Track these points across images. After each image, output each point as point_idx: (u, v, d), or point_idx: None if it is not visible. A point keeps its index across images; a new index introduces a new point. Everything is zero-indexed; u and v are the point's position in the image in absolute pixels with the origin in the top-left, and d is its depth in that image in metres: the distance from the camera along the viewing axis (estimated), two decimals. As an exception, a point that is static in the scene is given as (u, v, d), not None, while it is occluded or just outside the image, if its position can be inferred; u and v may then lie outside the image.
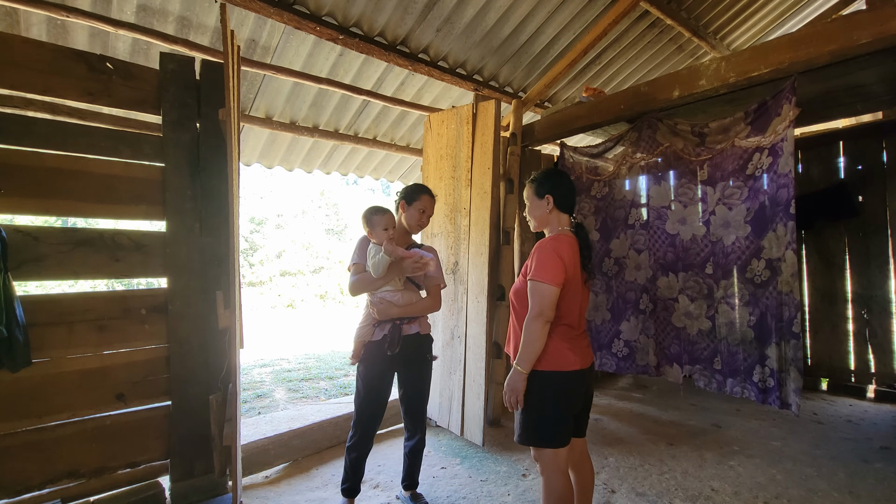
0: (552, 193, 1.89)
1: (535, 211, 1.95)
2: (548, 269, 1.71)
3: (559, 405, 1.76)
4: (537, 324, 1.70)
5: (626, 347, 3.46)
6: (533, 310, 1.72)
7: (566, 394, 1.77)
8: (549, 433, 1.76)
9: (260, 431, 3.03)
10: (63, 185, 2.08)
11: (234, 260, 2.24)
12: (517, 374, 1.73)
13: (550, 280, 1.70)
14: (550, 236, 1.85)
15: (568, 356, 1.77)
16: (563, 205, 1.90)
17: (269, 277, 16.07)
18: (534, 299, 1.72)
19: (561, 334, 1.79)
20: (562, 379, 1.75)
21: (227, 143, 2.25)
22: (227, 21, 2.21)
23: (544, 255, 1.75)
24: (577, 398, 1.82)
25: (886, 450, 2.99)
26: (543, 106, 4.77)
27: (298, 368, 5.97)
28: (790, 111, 2.46)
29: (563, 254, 1.74)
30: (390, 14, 3.30)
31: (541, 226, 1.96)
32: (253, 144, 4.39)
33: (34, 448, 1.99)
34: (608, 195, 3.58)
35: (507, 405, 1.78)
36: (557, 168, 2.09)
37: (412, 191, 2.40)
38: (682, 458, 2.94)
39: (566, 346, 1.78)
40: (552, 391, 1.75)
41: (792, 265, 2.55)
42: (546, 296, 1.70)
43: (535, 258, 1.77)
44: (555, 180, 1.92)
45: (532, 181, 1.96)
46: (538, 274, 1.72)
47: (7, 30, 2.79)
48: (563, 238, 1.81)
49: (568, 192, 1.91)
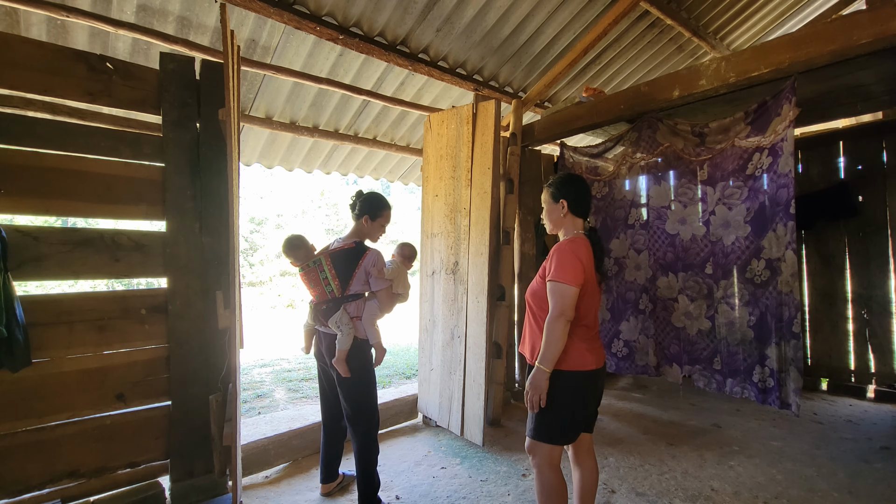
0: (567, 198, 1.93)
1: (551, 214, 1.99)
2: (567, 269, 1.75)
3: (575, 405, 1.82)
4: (559, 323, 1.73)
5: (625, 347, 3.46)
6: (554, 310, 1.75)
7: (583, 393, 1.82)
8: (561, 431, 1.82)
9: (260, 431, 3.03)
10: (63, 185, 2.08)
11: (234, 260, 2.24)
12: (541, 373, 1.75)
13: (570, 280, 1.74)
14: (568, 238, 1.90)
15: (586, 356, 1.81)
16: (578, 209, 1.94)
17: (269, 277, 16.09)
18: (555, 299, 1.76)
19: (580, 335, 1.82)
20: (580, 379, 1.80)
21: (227, 143, 2.25)
22: (227, 21, 2.21)
23: (564, 256, 1.79)
24: (592, 397, 1.87)
25: (886, 450, 2.99)
26: (543, 106, 4.77)
27: (298, 368, 5.97)
28: (790, 111, 2.46)
29: (581, 255, 1.79)
30: (390, 14, 3.30)
31: (556, 229, 2.00)
32: (253, 144, 4.39)
33: (34, 448, 1.99)
34: (608, 195, 3.58)
35: (528, 404, 1.80)
36: (575, 174, 2.08)
37: (377, 206, 2.40)
38: (682, 458, 2.94)
39: (584, 346, 1.82)
40: (571, 391, 1.79)
41: (792, 265, 2.55)
42: (567, 296, 1.74)
43: (554, 259, 1.81)
44: (570, 186, 1.96)
45: (549, 185, 2.01)
46: (558, 275, 1.76)
47: (7, 30, 2.79)
48: (579, 241, 1.86)
49: (583, 197, 1.95)
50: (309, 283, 2.39)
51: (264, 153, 4.57)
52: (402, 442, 3.30)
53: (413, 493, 2.58)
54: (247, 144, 4.35)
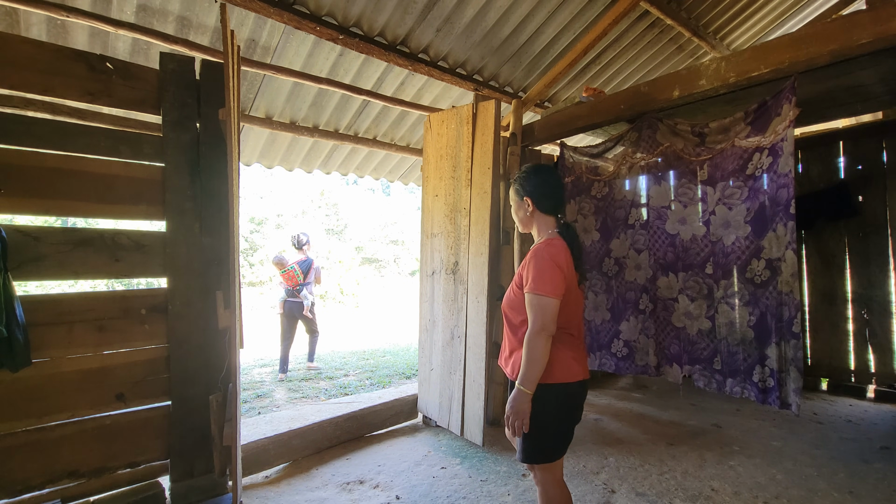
0: (531, 196, 1.77)
1: (517, 213, 1.84)
2: (547, 280, 1.59)
3: (564, 419, 1.69)
4: (540, 339, 1.58)
5: (625, 347, 3.46)
6: (534, 325, 1.59)
7: (571, 406, 1.70)
8: (553, 448, 1.68)
9: (260, 431, 3.03)
10: (63, 185, 2.08)
11: (234, 260, 2.24)
12: (522, 395, 1.59)
13: (550, 292, 1.59)
14: (543, 242, 1.73)
15: (573, 366, 1.68)
16: (546, 206, 1.77)
17: (269, 277, 16.07)
18: (534, 313, 1.60)
19: (565, 343, 1.70)
20: (567, 391, 1.67)
21: (227, 143, 2.25)
22: (227, 21, 2.21)
23: (542, 264, 1.63)
24: (579, 409, 1.75)
25: (886, 450, 2.99)
26: (543, 106, 4.77)
27: (298, 368, 5.97)
28: (790, 111, 2.46)
29: (560, 262, 1.64)
30: (390, 14, 3.30)
31: (525, 228, 1.85)
32: (253, 144, 4.40)
33: (34, 448, 1.99)
34: (608, 195, 3.58)
35: (509, 430, 1.64)
36: (542, 165, 1.91)
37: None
38: (682, 458, 2.94)
39: (570, 355, 1.69)
40: (558, 405, 1.66)
41: (792, 265, 2.55)
42: (548, 309, 1.58)
43: (531, 268, 1.65)
44: (535, 180, 1.78)
45: (514, 180, 1.84)
46: (538, 286, 1.60)
47: (7, 30, 2.79)
48: (556, 243, 1.69)
49: (551, 192, 1.77)
50: (286, 277, 5.65)
51: (264, 153, 4.57)
52: (402, 442, 3.30)
53: (413, 493, 2.58)
54: (247, 144, 4.35)
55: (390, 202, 21.64)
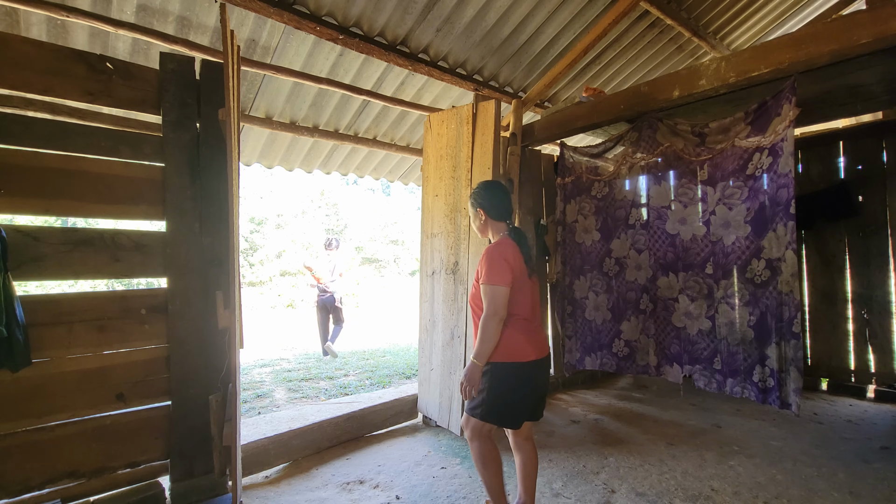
0: (483, 206, 2.13)
1: (474, 222, 2.21)
2: (495, 272, 1.93)
3: (517, 392, 1.97)
4: (493, 322, 1.91)
5: (626, 347, 3.46)
6: (488, 309, 1.92)
7: (524, 381, 1.97)
8: (498, 415, 1.98)
9: (260, 431, 3.03)
10: (63, 185, 2.07)
11: (234, 260, 2.24)
12: (474, 366, 1.94)
13: (499, 281, 1.91)
14: (494, 242, 2.09)
15: (526, 348, 1.97)
16: (495, 214, 2.12)
17: (269, 277, 16.09)
18: (487, 300, 1.93)
19: (518, 326, 1.98)
20: (520, 369, 1.96)
21: (227, 143, 2.25)
22: (227, 21, 2.21)
23: (492, 259, 1.96)
24: (536, 385, 2.02)
25: (886, 450, 2.99)
26: (543, 106, 4.77)
27: (298, 368, 5.97)
28: (790, 111, 2.46)
29: (507, 256, 1.96)
30: (390, 14, 3.30)
31: (482, 233, 2.21)
32: (253, 144, 4.40)
33: (34, 448, 1.99)
34: (608, 195, 3.58)
35: (461, 394, 1.99)
36: (492, 181, 2.26)
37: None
38: (682, 458, 2.94)
39: (524, 337, 1.98)
40: (507, 380, 1.96)
41: (792, 265, 2.55)
42: (498, 296, 1.91)
43: (483, 263, 1.97)
44: (486, 194, 2.15)
45: (470, 196, 2.21)
46: (488, 278, 1.93)
47: (7, 30, 2.79)
48: (504, 242, 2.04)
49: (499, 202, 2.12)
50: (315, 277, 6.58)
51: (264, 153, 4.57)
52: (402, 442, 3.30)
53: (413, 493, 2.58)
54: (247, 144, 4.35)
55: (390, 202, 21.64)
